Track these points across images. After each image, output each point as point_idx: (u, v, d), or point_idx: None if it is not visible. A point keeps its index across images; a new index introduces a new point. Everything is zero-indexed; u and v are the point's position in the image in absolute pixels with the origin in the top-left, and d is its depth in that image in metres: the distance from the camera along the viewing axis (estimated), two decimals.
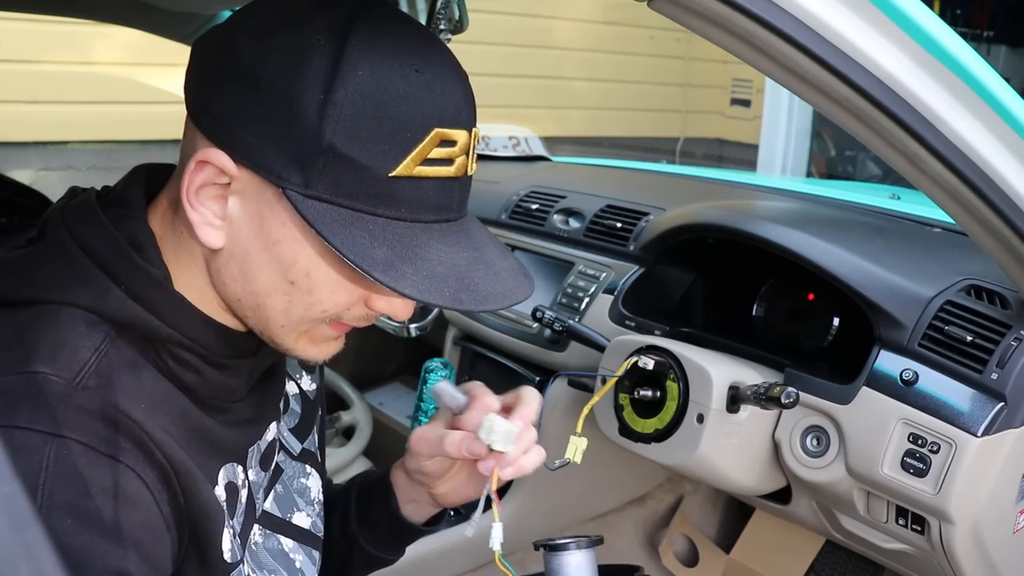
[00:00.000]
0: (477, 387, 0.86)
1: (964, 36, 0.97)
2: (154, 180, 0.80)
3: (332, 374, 2.36)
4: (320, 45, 0.67)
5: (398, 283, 0.67)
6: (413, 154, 0.68)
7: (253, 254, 0.72)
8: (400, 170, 0.68)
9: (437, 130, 0.69)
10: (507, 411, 0.84)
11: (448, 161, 0.70)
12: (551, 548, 0.81)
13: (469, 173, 0.74)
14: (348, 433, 2.22)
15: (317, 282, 0.72)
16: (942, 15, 4.13)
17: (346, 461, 2.06)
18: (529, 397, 0.86)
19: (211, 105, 0.70)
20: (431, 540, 1.69)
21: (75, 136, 4.08)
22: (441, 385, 0.84)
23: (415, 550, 1.67)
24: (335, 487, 1.08)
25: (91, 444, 0.66)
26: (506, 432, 0.79)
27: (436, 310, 1.99)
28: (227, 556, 0.77)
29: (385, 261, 0.68)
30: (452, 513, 1.82)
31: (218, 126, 0.70)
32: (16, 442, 0.63)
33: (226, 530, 0.76)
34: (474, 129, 0.73)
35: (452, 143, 0.70)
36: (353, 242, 0.67)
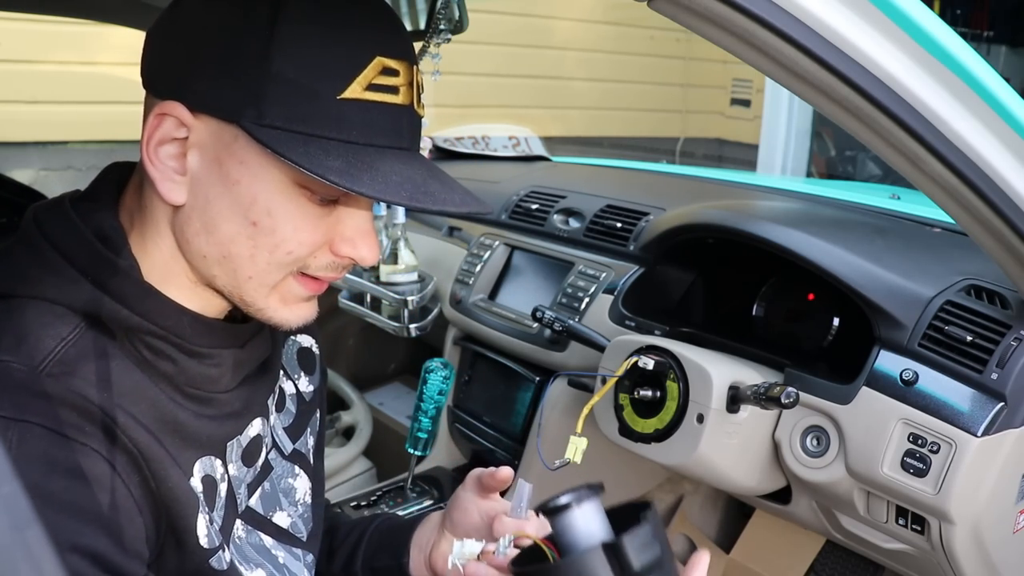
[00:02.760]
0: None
1: (964, 36, 0.97)
2: (126, 176, 0.81)
3: (332, 374, 2.36)
4: None
5: (355, 184, 0.68)
6: (359, 78, 0.71)
7: (214, 201, 0.73)
8: (348, 93, 0.70)
9: (379, 58, 0.72)
10: None
11: (393, 89, 0.73)
12: (552, 511, 0.78)
13: (417, 109, 0.76)
14: (348, 433, 2.23)
15: (279, 219, 0.73)
16: (942, 15, 4.13)
17: (346, 461, 2.06)
18: None
19: (162, 65, 0.74)
20: None
21: (75, 136, 4.08)
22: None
23: None
24: (343, 517, 1.07)
25: (54, 428, 0.67)
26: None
27: (436, 310, 1.99)
28: (203, 542, 0.77)
29: (341, 169, 0.69)
30: None
31: (171, 80, 0.73)
32: None
33: (200, 516, 0.77)
34: (415, 66, 0.76)
35: (395, 72, 0.73)
36: (309, 156, 0.69)
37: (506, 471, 0.96)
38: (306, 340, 1.01)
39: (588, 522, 0.75)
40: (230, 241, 0.74)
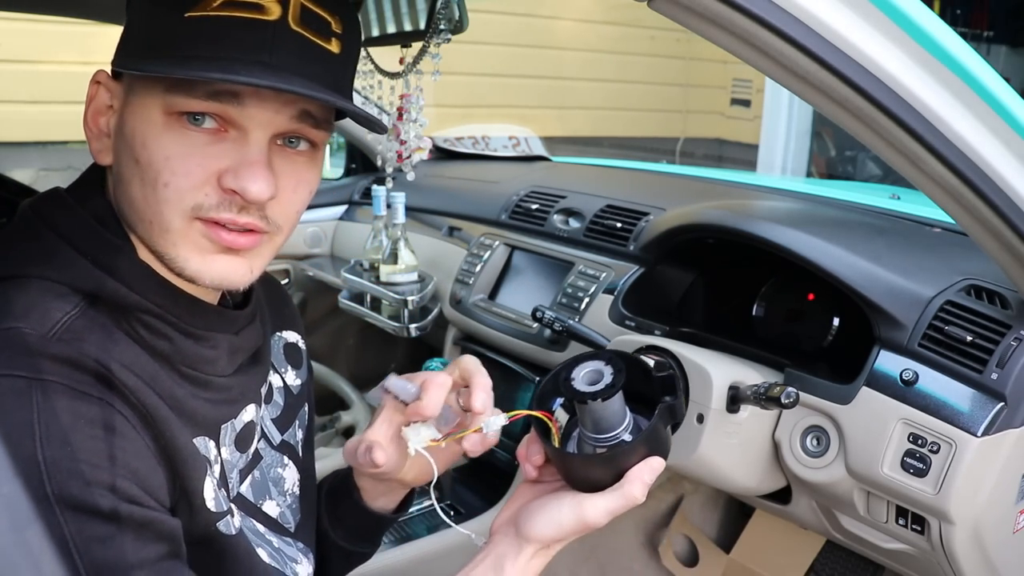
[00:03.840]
0: (428, 377, 0.85)
1: (964, 36, 0.97)
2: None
3: (332, 374, 2.37)
4: None
5: (172, 70, 0.69)
6: None
7: (119, 152, 0.77)
8: (197, 11, 0.70)
9: None
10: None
11: (256, 6, 0.71)
12: (594, 395, 0.79)
13: (293, 25, 0.72)
14: (348, 433, 2.23)
15: (152, 150, 0.73)
16: (942, 15, 4.13)
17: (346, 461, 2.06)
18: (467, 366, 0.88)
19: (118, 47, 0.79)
20: (431, 540, 1.70)
21: (75, 136, 4.08)
22: (392, 381, 0.84)
23: (415, 550, 1.67)
24: None
25: (72, 385, 0.68)
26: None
27: (436, 310, 1.99)
28: (211, 505, 0.77)
29: (171, 66, 0.70)
30: (452, 513, 1.82)
31: (115, 55, 0.79)
32: (2, 387, 0.66)
33: (208, 478, 0.77)
34: None
35: None
36: (143, 65, 0.72)
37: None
38: (292, 336, 1.02)
39: (620, 397, 0.81)
40: (128, 184, 0.75)
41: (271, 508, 0.93)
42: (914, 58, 0.79)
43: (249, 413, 0.87)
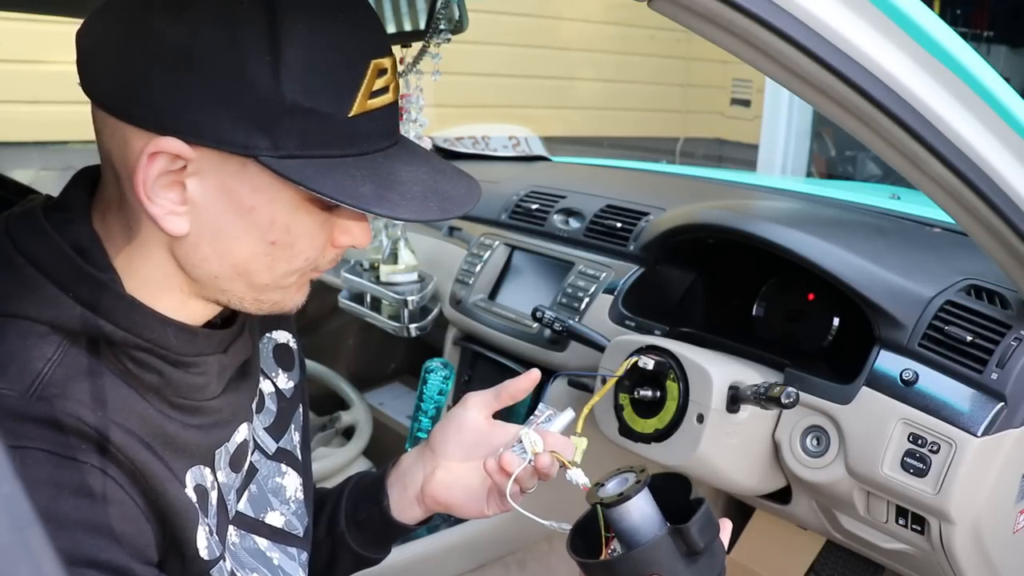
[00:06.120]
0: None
1: (964, 36, 0.97)
2: (97, 179, 0.79)
3: (332, 374, 2.36)
4: (246, 9, 0.66)
5: (395, 211, 0.70)
6: (362, 90, 0.70)
7: (226, 228, 0.72)
8: (356, 108, 0.70)
9: (374, 62, 0.71)
10: None
11: (386, 89, 0.73)
12: (610, 504, 0.79)
13: (392, 96, 0.77)
14: (348, 433, 2.23)
15: (297, 235, 0.74)
16: (942, 15, 4.13)
17: (346, 461, 2.06)
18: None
19: (141, 94, 0.68)
20: (431, 540, 1.69)
21: (75, 136, 4.08)
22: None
23: (415, 550, 1.67)
24: (325, 489, 1.07)
25: (52, 450, 0.66)
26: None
27: (436, 310, 2.00)
28: (204, 554, 0.77)
29: (374, 195, 0.70)
30: (451, 515, 1.81)
31: (159, 113, 0.67)
32: None
33: (200, 527, 0.76)
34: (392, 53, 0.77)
35: (386, 71, 0.73)
36: (340, 187, 0.69)
37: (535, 371, 0.99)
38: (282, 336, 1.00)
39: (643, 508, 0.78)
40: (248, 260, 0.74)
41: (275, 519, 0.92)
42: (914, 58, 0.79)
43: (242, 433, 0.86)
